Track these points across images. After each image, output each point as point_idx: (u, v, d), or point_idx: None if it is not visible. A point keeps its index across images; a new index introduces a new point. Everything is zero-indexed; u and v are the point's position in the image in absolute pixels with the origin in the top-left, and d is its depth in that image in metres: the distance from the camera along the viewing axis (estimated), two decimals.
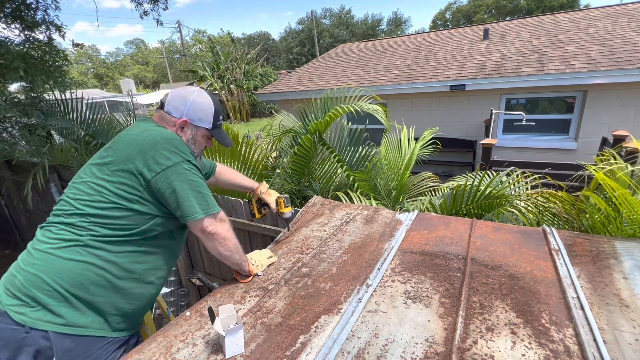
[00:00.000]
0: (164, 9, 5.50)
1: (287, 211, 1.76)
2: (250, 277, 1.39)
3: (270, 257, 1.51)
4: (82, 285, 1.14)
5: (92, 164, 1.26)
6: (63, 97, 4.30)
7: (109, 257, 1.18)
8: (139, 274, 1.26)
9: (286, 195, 1.78)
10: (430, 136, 3.31)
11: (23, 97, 4.14)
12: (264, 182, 1.89)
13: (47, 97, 4.33)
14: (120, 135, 1.29)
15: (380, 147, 3.27)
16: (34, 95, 4.16)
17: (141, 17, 5.38)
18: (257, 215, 1.86)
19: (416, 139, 3.31)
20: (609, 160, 2.08)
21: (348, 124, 3.35)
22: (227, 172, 1.85)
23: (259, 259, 1.45)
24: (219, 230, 1.27)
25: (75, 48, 4.96)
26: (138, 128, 1.29)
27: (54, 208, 1.24)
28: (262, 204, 1.86)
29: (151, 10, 5.39)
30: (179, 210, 1.21)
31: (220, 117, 1.43)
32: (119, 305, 1.22)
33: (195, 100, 1.35)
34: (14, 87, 4.19)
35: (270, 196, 1.81)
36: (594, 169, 1.67)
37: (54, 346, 1.10)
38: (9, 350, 1.08)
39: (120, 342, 1.25)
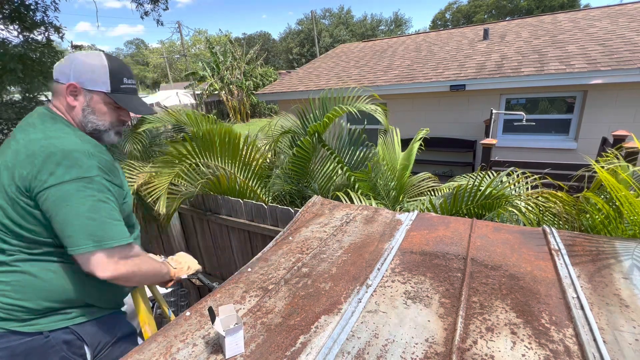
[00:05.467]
0: (165, 9, 5.53)
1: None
2: (172, 282, 1.28)
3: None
4: (62, 293, 1.10)
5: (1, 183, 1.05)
6: None
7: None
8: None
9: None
10: (420, 136, 3.31)
11: (19, 97, 4.14)
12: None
13: (45, 99, 4.33)
14: (18, 140, 1.06)
15: (378, 147, 3.27)
16: (31, 96, 4.15)
17: (142, 17, 5.41)
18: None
19: (411, 139, 3.31)
20: (611, 161, 2.08)
21: (347, 124, 3.35)
22: None
23: (184, 261, 1.36)
24: (122, 271, 1.04)
25: (74, 50, 4.97)
26: (38, 132, 1.07)
27: None
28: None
29: (152, 10, 5.42)
30: (63, 239, 1.01)
31: (126, 80, 1.17)
32: (103, 292, 1.20)
33: (81, 60, 1.10)
34: (12, 87, 4.19)
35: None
36: (596, 168, 1.67)
37: (81, 336, 1.12)
38: (35, 359, 1.06)
39: (124, 315, 1.33)
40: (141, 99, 1.25)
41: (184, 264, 1.35)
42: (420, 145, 3.35)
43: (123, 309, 1.32)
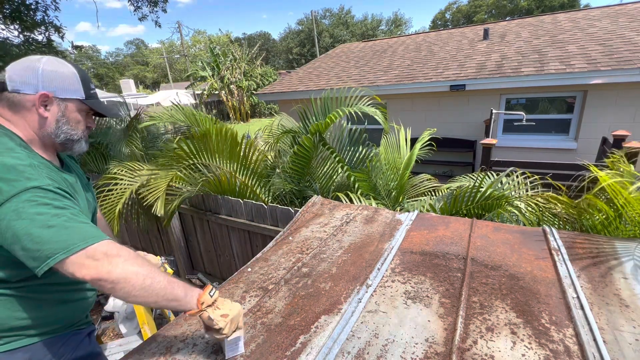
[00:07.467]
0: (163, 11, 5.55)
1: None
2: (196, 311, 0.94)
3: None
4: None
5: None
6: None
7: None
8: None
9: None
10: (428, 137, 3.31)
11: None
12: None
13: None
14: None
15: (380, 147, 3.27)
16: None
17: (140, 20, 5.43)
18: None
19: (415, 139, 3.31)
20: (615, 162, 2.07)
21: (347, 124, 3.35)
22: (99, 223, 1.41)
23: (233, 317, 0.95)
24: (101, 271, 0.88)
25: (74, 50, 4.98)
26: None
27: None
28: None
29: (150, 12, 5.44)
30: (28, 260, 0.89)
31: (92, 85, 1.13)
32: (33, 314, 1.07)
33: (47, 69, 1.02)
34: None
35: None
36: (600, 174, 1.66)
37: None
38: None
39: (80, 335, 1.18)
40: (103, 101, 1.20)
41: (231, 319, 0.94)
42: (432, 145, 3.34)
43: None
